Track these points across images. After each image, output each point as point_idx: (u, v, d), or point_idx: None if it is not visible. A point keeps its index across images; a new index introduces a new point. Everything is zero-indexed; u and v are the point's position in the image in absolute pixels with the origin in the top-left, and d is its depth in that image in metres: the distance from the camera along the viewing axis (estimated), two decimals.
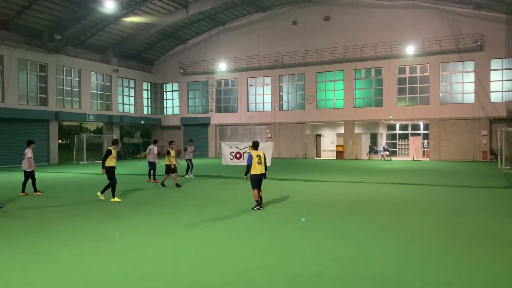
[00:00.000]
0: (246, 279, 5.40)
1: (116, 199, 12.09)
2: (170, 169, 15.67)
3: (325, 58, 36.40)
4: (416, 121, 35.07)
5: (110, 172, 12.03)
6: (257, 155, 10.57)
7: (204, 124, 41.60)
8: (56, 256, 6.56)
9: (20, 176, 15.03)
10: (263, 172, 10.62)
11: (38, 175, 14.44)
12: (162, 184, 15.80)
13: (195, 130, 41.79)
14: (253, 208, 10.47)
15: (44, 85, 32.01)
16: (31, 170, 13.51)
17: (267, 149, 19.52)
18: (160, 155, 26.99)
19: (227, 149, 20.18)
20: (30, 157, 13.45)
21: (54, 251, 6.84)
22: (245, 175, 10.63)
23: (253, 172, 10.43)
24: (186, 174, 19.37)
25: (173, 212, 10.42)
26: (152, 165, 17.74)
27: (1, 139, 27.55)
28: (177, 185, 15.54)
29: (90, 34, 34.32)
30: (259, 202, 10.51)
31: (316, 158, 37.22)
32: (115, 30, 35.65)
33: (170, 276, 5.57)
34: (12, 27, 29.33)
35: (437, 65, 32.99)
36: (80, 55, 34.68)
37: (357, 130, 36.16)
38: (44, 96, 32.00)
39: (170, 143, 16.93)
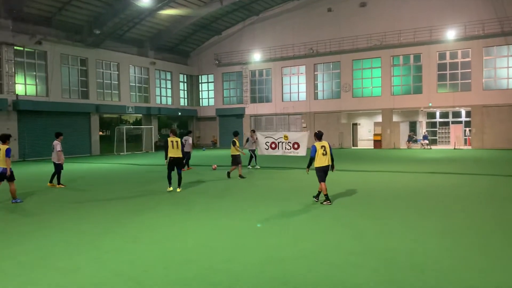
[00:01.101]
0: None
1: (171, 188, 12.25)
2: (236, 160, 15.22)
3: (361, 45, 35.61)
4: (457, 109, 33.81)
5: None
6: (322, 146, 9.80)
7: (239, 115, 41.81)
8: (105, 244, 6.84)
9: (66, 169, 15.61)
10: (329, 163, 9.84)
11: (81, 166, 14.94)
12: (228, 174, 15.38)
13: (230, 121, 42.09)
14: (321, 203, 9.74)
15: (85, 79, 33.12)
16: (60, 162, 13.61)
17: (301, 139, 19.46)
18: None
19: (262, 139, 20.20)
20: (59, 151, 13.53)
21: (100, 237, 7.14)
22: (307, 167, 9.97)
23: (318, 164, 9.70)
24: (249, 164, 18.57)
25: (243, 205, 10.37)
26: (187, 155, 18.07)
27: (45, 132, 28.75)
28: (241, 176, 15.07)
29: (127, 28, 35.10)
30: (328, 196, 9.78)
31: (352, 147, 36.68)
32: (151, 23, 36.29)
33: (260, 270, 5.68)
34: (54, 24, 30.43)
35: (480, 49, 31.58)
36: (118, 48, 35.58)
37: (395, 118, 35.30)
38: (85, 89, 33.12)
39: (235, 134, 16.07)
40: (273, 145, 19.64)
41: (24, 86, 29.19)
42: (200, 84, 45.08)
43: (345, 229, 7.48)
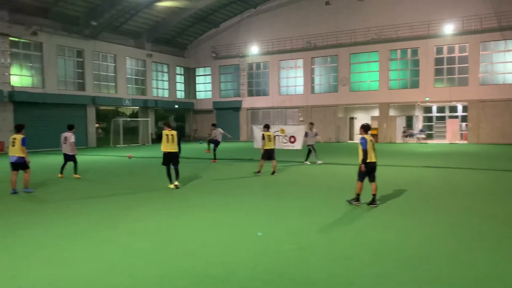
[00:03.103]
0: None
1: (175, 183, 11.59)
2: (267, 155, 14.17)
3: (359, 39, 35.57)
4: (454, 103, 33.91)
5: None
6: (370, 140, 8.78)
7: (236, 108, 41.76)
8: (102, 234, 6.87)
9: (59, 159, 15.62)
10: (377, 160, 8.85)
11: (78, 158, 14.83)
12: (258, 171, 14.32)
13: (227, 114, 42.03)
14: (350, 202, 8.89)
15: (81, 70, 32.95)
16: (73, 154, 13.82)
17: (298, 133, 19.48)
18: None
19: (259, 133, 20.19)
20: (73, 142, 13.71)
21: (94, 230, 7.17)
22: (362, 162, 8.62)
23: (368, 159, 8.66)
24: (307, 160, 17.42)
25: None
26: (216, 143, 18.56)
27: (41, 123, 28.64)
28: (273, 172, 14.19)
29: (124, 20, 34.88)
30: (359, 197, 8.80)
31: (349, 141, 36.77)
32: (149, 15, 36.07)
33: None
34: (51, 15, 30.19)
35: (477, 44, 31.61)
36: (115, 40, 35.39)
37: (392, 112, 35.37)
38: (81, 81, 32.97)
39: (266, 126, 14.73)
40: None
41: (20, 78, 29.02)
42: (197, 77, 44.94)
43: (344, 222, 7.53)
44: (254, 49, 39.81)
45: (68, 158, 13.93)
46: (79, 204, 9.48)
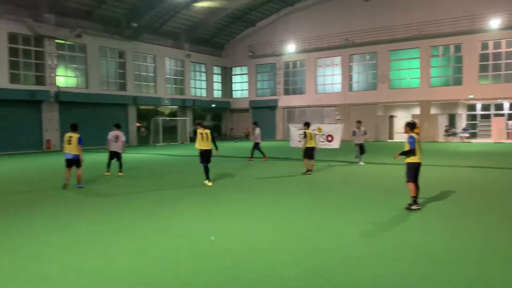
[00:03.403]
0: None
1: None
2: (308, 153, 13.81)
3: (398, 36, 34.68)
4: (499, 101, 32.41)
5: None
6: (418, 139, 8.35)
7: (272, 107, 41.74)
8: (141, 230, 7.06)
9: (100, 157, 16.11)
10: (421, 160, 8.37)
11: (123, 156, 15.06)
12: (308, 171, 13.79)
13: (263, 112, 42.07)
14: (409, 208, 8.13)
15: (122, 71, 33.95)
16: (121, 152, 14.05)
17: (336, 132, 19.26)
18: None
19: (295, 131, 20.16)
20: (124, 141, 14.03)
21: (137, 226, 7.37)
22: (401, 154, 8.28)
23: (413, 159, 8.22)
24: (359, 159, 16.74)
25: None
26: (257, 145, 18.50)
27: (84, 123, 29.64)
28: (309, 171, 13.80)
29: (163, 21, 35.63)
30: (416, 200, 8.20)
31: (388, 140, 35.93)
32: (187, 16, 36.67)
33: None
34: (94, 17, 31.28)
35: None
36: (154, 41, 36.21)
37: (433, 110, 34.28)
38: (123, 81, 33.97)
39: (307, 124, 14.35)
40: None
41: (65, 78, 30.24)
42: (233, 76, 45.28)
43: (386, 223, 7.37)
44: (290, 47, 39.65)
45: (116, 156, 14.09)
46: (123, 200, 9.78)
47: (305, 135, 13.86)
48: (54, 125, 28.28)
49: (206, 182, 11.62)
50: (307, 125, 14.27)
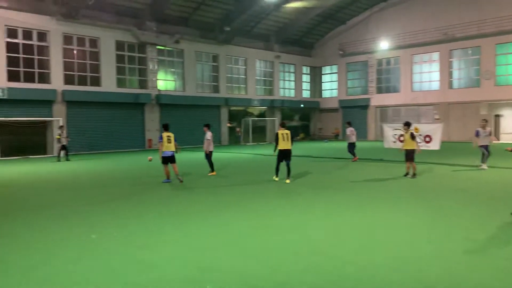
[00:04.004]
0: None
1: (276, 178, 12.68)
2: (411, 155, 12.96)
3: (507, 27, 31.55)
4: None
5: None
6: None
7: (363, 106, 40.52)
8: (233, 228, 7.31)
9: (197, 156, 16.91)
10: None
11: (216, 155, 15.50)
12: (414, 174, 13.04)
13: (353, 112, 41.02)
14: None
15: (216, 74, 35.45)
16: (210, 151, 14.39)
17: (435, 132, 18.14)
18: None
19: (389, 132, 19.38)
20: (208, 139, 14.34)
21: (235, 222, 7.65)
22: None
23: None
24: (484, 161, 14.90)
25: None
26: (351, 145, 18.39)
27: (181, 123, 31.46)
28: (414, 174, 13.03)
29: (254, 24, 36.47)
30: None
31: (494, 142, 32.84)
32: (277, 17, 37.11)
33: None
34: (190, 23, 33.07)
35: None
36: (245, 44, 37.22)
37: None
38: (216, 84, 35.46)
39: (407, 124, 13.26)
40: (401, 138, 18.61)
41: (164, 82, 32.39)
42: (322, 76, 44.80)
43: (489, 232, 6.77)
44: (383, 44, 38.15)
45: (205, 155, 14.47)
46: (221, 194, 10.20)
47: (413, 136, 12.94)
48: (155, 125, 30.42)
49: (275, 178, 12.60)
50: (407, 125, 13.21)
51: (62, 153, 21.27)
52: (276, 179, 12.62)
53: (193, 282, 4.78)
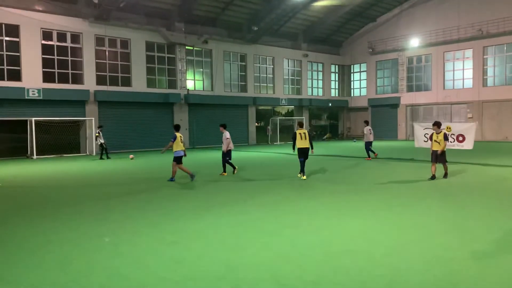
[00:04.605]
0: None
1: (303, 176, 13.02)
2: (443, 157, 12.48)
3: None
4: None
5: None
6: None
7: (393, 105, 39.75)
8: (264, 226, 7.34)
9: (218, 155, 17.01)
10: None
11: (244, 154, 15.88)
12: (446, 174, 12.73)
13: (383, 111, 40.30)
14: None
15: (243, 73, 35.57)
16: (229, 149, 14.45)
17: (468, 131, 17.61)
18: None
19: (420, 131, 18.92)
20: (227, 138, 14.38)
21: (261, 221, 7.67)
22: None
23: None
24: None
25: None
26: (368, 144, 18.70)
27: (210, 123, 31.70)
28: (445, 174, 12.73)
29: (282, 23, 36.34)
30: None
31: None
32: (305, 16, 36.87)
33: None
34: (218, 23, 33.31)
35: None
36: (273, 43, 37.16)
37: None
38: (243, 83, 35.59)
39: (436, 124, 12.64)
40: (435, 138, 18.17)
41: (193, 82, 32.76)
42: (352, 74, 44.24)
43: None
44: (414, 42, 37.33)
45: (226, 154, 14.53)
46: (248, 192, 10.27)
47: (431, 136, 12.82)
48: (184, 125, 30.77)
49: (300, 175, 13.07)
50: (436, 125, 12.58)
51: (102, 151, 21.99)
52: (304, 177, 12.93)
53: (222, 279, 4.83)
